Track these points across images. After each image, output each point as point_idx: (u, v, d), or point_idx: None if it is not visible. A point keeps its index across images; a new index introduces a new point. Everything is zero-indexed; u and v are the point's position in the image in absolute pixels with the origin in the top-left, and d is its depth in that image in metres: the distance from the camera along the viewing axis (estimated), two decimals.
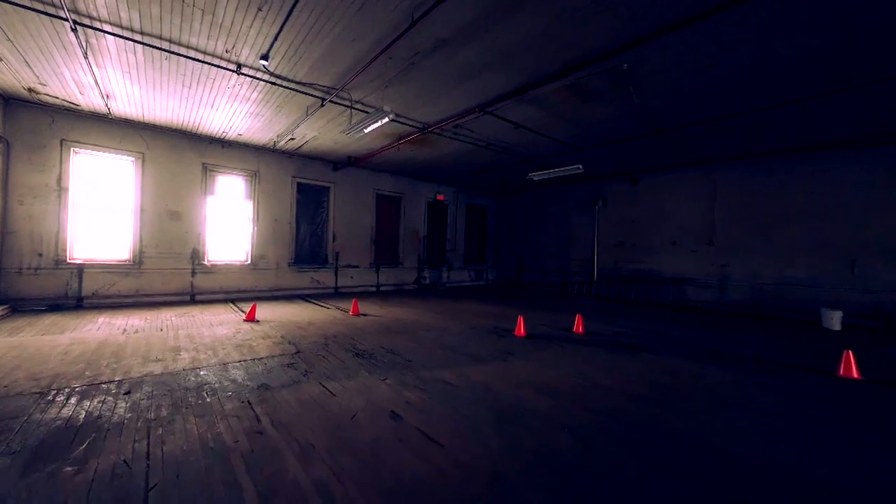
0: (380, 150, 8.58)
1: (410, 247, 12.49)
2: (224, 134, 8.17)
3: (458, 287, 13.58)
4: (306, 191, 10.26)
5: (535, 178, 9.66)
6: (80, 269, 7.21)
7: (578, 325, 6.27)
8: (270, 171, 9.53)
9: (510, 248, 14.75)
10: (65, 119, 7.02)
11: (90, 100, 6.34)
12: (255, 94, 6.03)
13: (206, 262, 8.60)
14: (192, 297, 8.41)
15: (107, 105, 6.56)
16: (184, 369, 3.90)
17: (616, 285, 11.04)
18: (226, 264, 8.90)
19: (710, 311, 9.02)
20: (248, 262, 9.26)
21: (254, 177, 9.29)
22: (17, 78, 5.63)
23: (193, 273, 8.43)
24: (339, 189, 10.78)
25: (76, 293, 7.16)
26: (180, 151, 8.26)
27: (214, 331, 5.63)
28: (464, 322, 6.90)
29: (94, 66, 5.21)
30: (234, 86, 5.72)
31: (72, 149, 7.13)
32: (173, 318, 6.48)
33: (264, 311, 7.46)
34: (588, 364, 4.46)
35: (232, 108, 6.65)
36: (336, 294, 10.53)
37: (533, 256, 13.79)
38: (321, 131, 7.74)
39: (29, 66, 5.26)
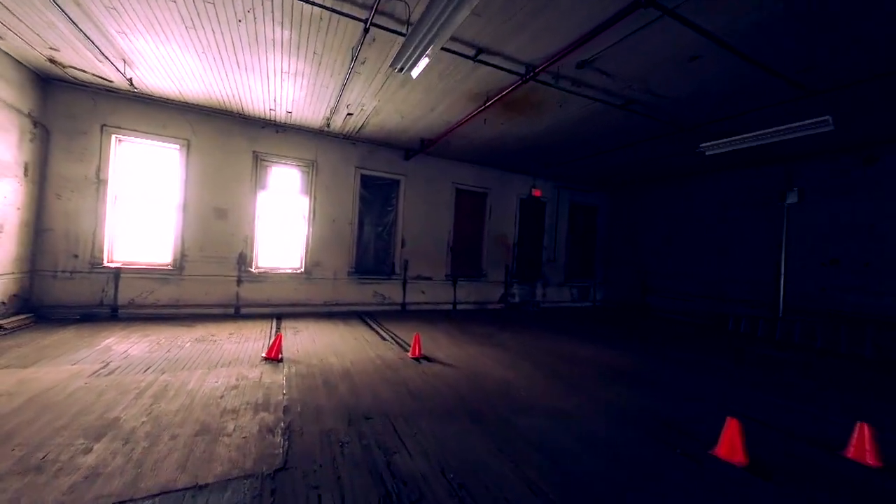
0: (460, 121, 6.20)
1: (496, 256, 9.92)
2: (272, 113, 6.67)
3: (555, 308, 10.55)
4: (372, 185, 8.44)
5: (709, 153, 6.29)
6: (117, 274, 6.27)
7: (862, 442, 2.96)
8: (330, 160, 7.89)
9: (628, 260, 11.15)
10: (106, 101, 6.15)
11: (109, 69, 5.18)
12: (282, 33, 4.15)
13: (253, 269, 7.24)
14: (236, 311, 7.09)
15: (123, 72, 5.35)
16: None
17: (825, 328, 6.89)
18: (276, 272, 7.46)
19: None
20: (301, 269, 7.71)
21: (311, 168, 7.74)
22: (28, 41, 4.60)
23: (239, 281, 7.12)
24: (411, 183, 8.74)
25: (112, 301, 6.23)
26: (229, 137, 7.02)
27: (209, 379, 3.82)
28: (589, 395, 4.06)
29: (98, 18, 3.82)
30: (251, 12, 3.87)
31: (113, 136, 6.25)
32: (187, 345, 4.96)
33: (302, 338, 5.63)
34: None
35: (263, 67, 4.93)
36: (403, 312, 8.48)
37: (663, 273, 10.05)
38: (380, 97, 5.67)
39: (16, 16, 4.12)
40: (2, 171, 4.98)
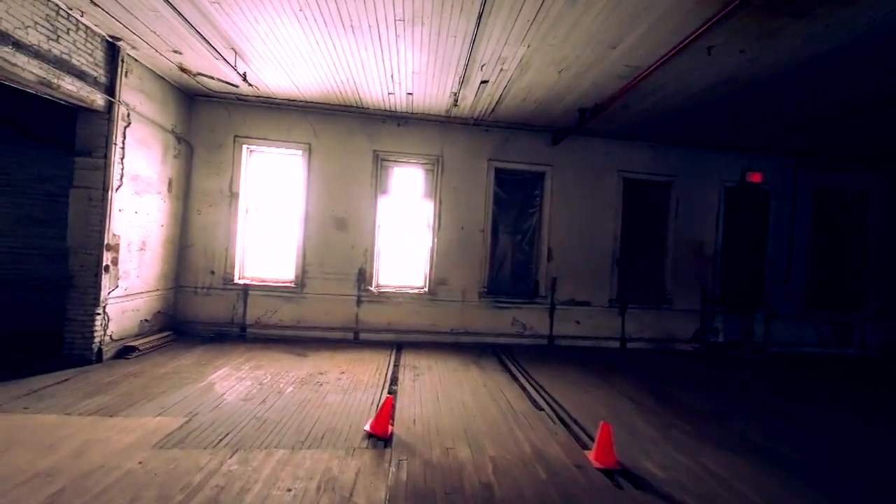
0: (662, 58, 3.76)
1: (686, 273, 6.82)
2: (391, 99, 5.47)
3: (792, 355, 6.71)
4: (509, 182, 6.59)
5: None
6: (246, 291, 5.95)
7: None
8: (458, 154, 6.38)
9: None
10: (237, 111, 5.93)
11: (224, 67, 4.64)
12: None
13: (373, 288, 6.19)
14: (355, 335, 6.13)
15: (235, 65, 4.76)
16: None
17: None
18: (397, 291, 6.27)
19: None
20: (425, 289, 6.35)
21: (436, 165, 6.36)
22: (151, 44, 4.32)
23: (359, 301, 6.15)
24: (560, 175, 6.56)
25: (241, 319, 5.93)
26: (349, 136, 6.17)
27: (284, 476, 2.47)
28: None
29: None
30: None
31: (244, 146, 5.99)
32: (288, 391, 3.92)
33: (423, 389, 4.08)
34: None
35: (372, 16, 3.59)
36: (550, 349, 6.31)
37: None
38: (529, 40, 3.75)
39: (137, 19, 3.71)
40: (145, 187, 4.93)
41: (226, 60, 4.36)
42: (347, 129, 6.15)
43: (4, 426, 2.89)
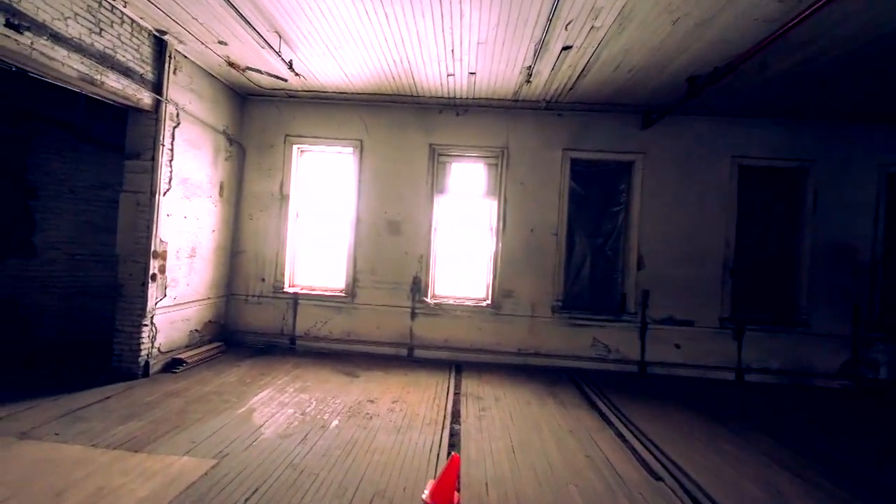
0: None
1: (829, 286, 5.23)
2: (450, 82, 4.74)
3: None
4: (588, 175, 5.55)
5: None
6: (296, 300, 5.57)
7: None
8: (526, 144, 5.48)
9: None
10: (288, 109, 5.59)
11: (271, 57, 4.22)
12: None
13: (428, 299, 5.49)
14: (409, 352, 5.47)
15: (279, 51, 4.31)
16: None
17: None
18: (455, 304, 5.50)
19: None
20: (487, 301, 5.52)
21: (500, 158, 5.51)
22: (196, 35, 4.02)
23: (413, 314, 5.49)
24: (653, 165, 5.37)
25: (290, 331, 5.55)
26: (402, 130, 5.55)
27: None
28: None
29: None
30: None
31: (294, 146, 5.64)
32: (333, 425, 3.31)
33: (490, 431, 3.24)
34: None
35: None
36: (641, 377, 5.13)
37: None
38: None
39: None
40: (195, 191, 4.69)
41: (270, 46, 3.91)
42: (401, 122, 5.55)
43: (28, 458, 2.57)
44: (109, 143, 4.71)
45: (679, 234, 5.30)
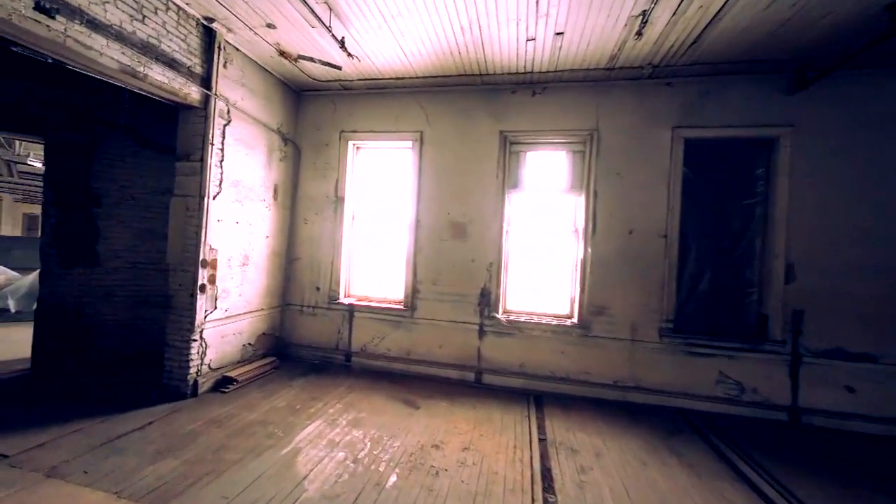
0: None
1: None
2: (529, 48, 3.84)
3: None
4: (707, 160, 4.29)
5: None
6: (351, 312, 5.04)
7: None
8: (621, 124, 4.39)
9: None
10: (342, 102, 5.12)
11: (322, 37, 3.69)
12: None
13: (500, 315, 4.62)
14: (477, 376, 4.65)
15: (330, 26, 3.75)
16: None
17: None
18: (532, 320, 4.57)
19: None
20: (573, 319, 4.50)
21: (588, 144, 4.48)
22: (244, 19, 3.62)
23: (481, 332, 4.66)
24: (807, 142, 3.96)
25: (346, 346, 5.04)
26: (468, 118, 4.78)
27: None
28: None
29: None
30: None
31: (350, 142, 5.14)
32: (390, 483, 2.60)
33: None
34: None
35: None
36: (793, 428, 3.75)
37: None
38: None
39: None
40: (247, 194, 4.35)
41: (321, 21, 3.37)
42: (466, 108, 4.78)
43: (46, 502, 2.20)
44: (168, 147, 4.56)
45: (853, 236, 3.83)
